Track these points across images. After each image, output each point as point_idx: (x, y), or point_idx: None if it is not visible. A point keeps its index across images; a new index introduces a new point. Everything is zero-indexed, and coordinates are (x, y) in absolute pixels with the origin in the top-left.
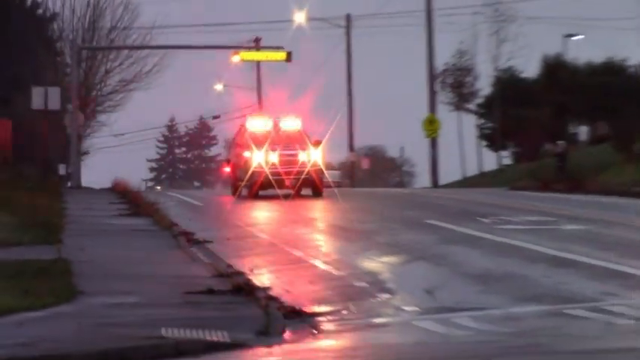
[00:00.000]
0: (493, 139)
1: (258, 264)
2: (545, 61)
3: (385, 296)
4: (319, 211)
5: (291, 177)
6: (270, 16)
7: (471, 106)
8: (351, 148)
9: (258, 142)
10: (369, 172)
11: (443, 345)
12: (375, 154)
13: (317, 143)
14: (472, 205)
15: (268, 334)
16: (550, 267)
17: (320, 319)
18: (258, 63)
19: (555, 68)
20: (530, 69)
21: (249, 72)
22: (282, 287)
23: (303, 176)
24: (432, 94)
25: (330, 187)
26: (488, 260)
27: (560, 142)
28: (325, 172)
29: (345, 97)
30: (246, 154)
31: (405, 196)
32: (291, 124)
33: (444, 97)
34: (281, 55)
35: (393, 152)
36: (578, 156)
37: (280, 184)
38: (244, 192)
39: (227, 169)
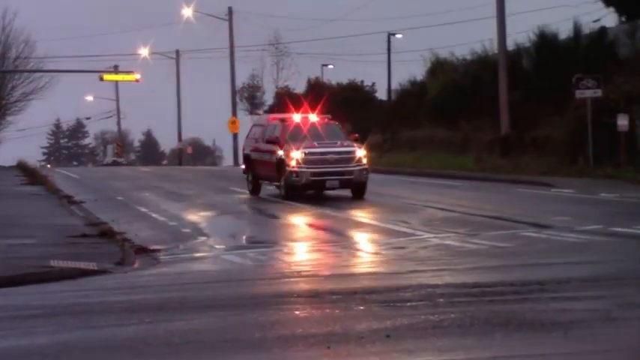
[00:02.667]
0: None
1: (116, 217)
2: (309, 82)
3: (203, 238)
4: (158, 181)
5: (334, 177)
6: (127, 49)
7: (260, 111)
8: (180, 138)
9: (294, 138)
10: (191, 156)
11: (239, 269)
12: (196, 143)
13: (356, 139)
14: None
15: (124, 264)
16: (313, 217)
17: (159, 253)
18: (117, 82)
19: (316, 86)
20: (300, 87)
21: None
22: (133, 232)
23: (347, 177)
24: (234, 103)
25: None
26: (273, 214)
27: None
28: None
29: (176, 104)
30: (280, 151)
31: (216, 172)
32: (324, 118)
33: (242, 105)
34: (132, 77)
35: (208, 142)
36: None
37: (321, 185)
38: (269, 191)
39: (242, 166)
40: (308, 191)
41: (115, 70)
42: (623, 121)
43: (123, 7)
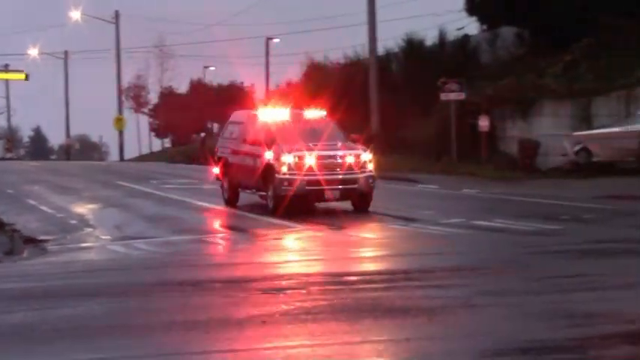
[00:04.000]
0: (159, 131)
1: (6, 209)
2: (191, 82)
3: (89, 229)
4: (47, 175)
5: (335, 186)
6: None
7: (145, 110)
8: (68, 134)
9: (282, 138)
10: (79, 151)
11: (124, 259)
12: (84, 139)
13: (358, 140)
14: (146, 172)
15: (13, 254)
16: (196, 212)
17: (47, 244)
18: (7, 80)
19: (198, 87)
20: (183, 87)
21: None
22: (22, 224)
23: (350, 186)
24: (120, 102)
25: None
26: (156, 207)
27: (201, 133)
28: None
29: (64, 102)
30: (267, 154)
31: (102, 167)
32: (318, 114)
33: (128, 104)
34: (21, 76)
35: (95, 138)
36: (213, 141)
37: (319, 195)
38: (238, 199)
39: (216, 171)
40: (302, 204)
41: (5, 68)
42: (484, 122)
43: (14, 9)
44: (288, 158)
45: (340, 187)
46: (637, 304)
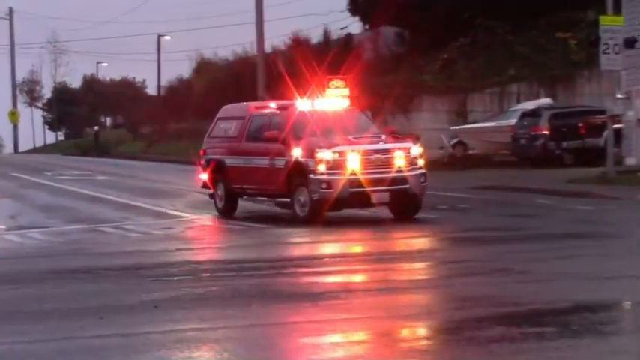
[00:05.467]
0: (53, 124)
1: None
2: (85, 78)
3: None
4: None
5: (383, 187)
6: None
7: (39, 104)
8: None
9: (311, 132)
10: None
11: (19, 248)
12: None
13: (393, 131)
14: (40, 164)
15: None
16: (90, 202)
17: None
18: None
19: (92, 82)
20: (76, 82)
21: None
22: None
23: (401, 186)
24: (14, 96)
25: None
26: (51, 198)
27: (94, 127)
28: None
29: None
30: (295, 151)
31: None
32: (340, 103)
33: (22, 98)
34: None
35: None
36: (106, 135)
37: (364, 199)
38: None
39: (204, 177)
40: (343, 209)
41: None
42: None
43: None
44: (326, 155)
45: (390, 188)
46: (509, 288)
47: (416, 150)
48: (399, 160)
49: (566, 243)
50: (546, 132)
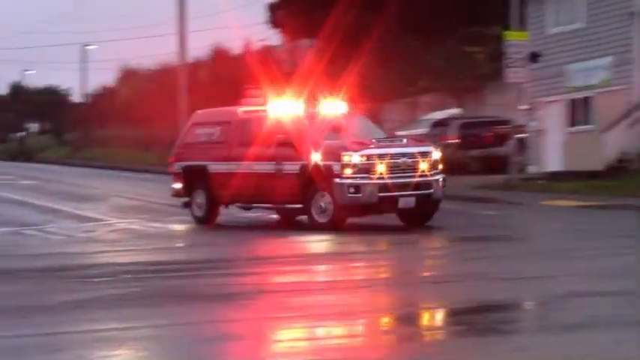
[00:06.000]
0: None
1: None
2: (11, 85)
3: None
4: None
5: (409, 191)
6: None
7: None
8: None
9: (328, 135)
10: None
11: None
12: None
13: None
14: None
15: None
16: (13, 206)
17: None
18: None
19: (18, 89)
20: (2, 90)
21: None
22: None
23: (426, 191)
24: None
25: None
26: None
27: (20, 133)
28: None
29: None
30: (314, 156)
31: None
32: (339, 107)
33: None
34: None
35: None
36: (31, 141)
37: (390, 204)
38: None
39: (177, 185)
40: (366, 215)
41: None
42: None
43: None
44: (354, 158)
45: (416, 193)
46: (416, 289)
47: (437, 154)
48: (423, 164)
49: (471, 246)
50: (455, 141)
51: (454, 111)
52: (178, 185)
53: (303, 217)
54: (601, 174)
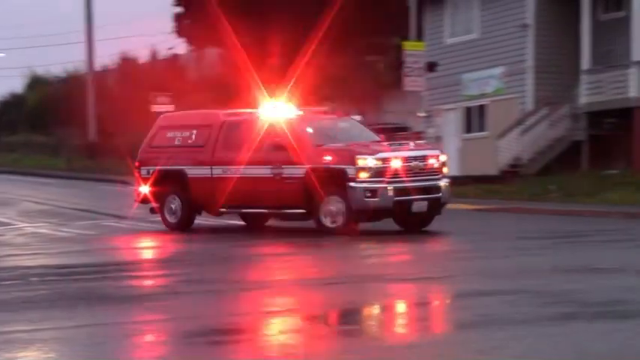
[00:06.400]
0: None
1: None
2: None
3: None
4: None
5: (422, 195)
6: None
7: None
8: None
9: (335, 139)
10: None
11: None
12: None
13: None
14: None
15: None
16: None
17: None
18: None
19: None
20: None
21: None
22: None
23: (435, 195)
24: None
25: None
26: None
27: None
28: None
29: None
30: (325, 159)
31: None
32: (326, 111)
33: None
34: None
35: None
36: None
37: (405, 209)
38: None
39: (144, 189)
40: (380, 220)
41: None
42: None
43: None
44: (369, 161)
45: (428, 196)
46: (320, 291)
47: (443, 157)
48: (433, 168)
49: (364, 245)
50: None
51: (355, 118)
52: (145, 189)
53: (273, 223)
54: (495, 179)
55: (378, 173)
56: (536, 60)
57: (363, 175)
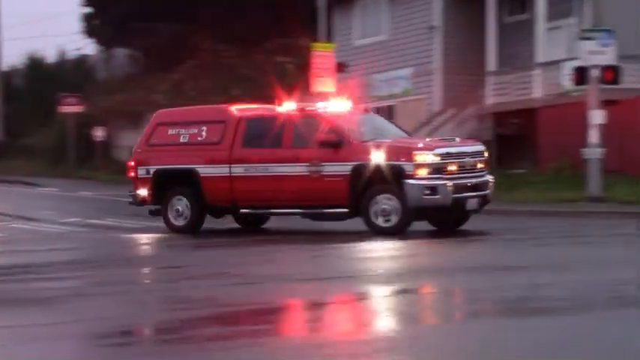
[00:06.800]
0: None
1: None
2: None
3: None
4: None
5: (474, 192)
6: None
7: None
8: None
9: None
10: None
11: None
12: None
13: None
14: None
15: None
16: None
17: None
18: None
19: None
20: None
21: None
22: None
23: (485, 191)
24: None
25: None
26: None
27: None
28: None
29: None
30: (377, 155)
31: None
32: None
33: None
34: None
35: None
36: None
37: (461, 206)
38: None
39: (143, 192)
40: (436, 217)
41: None
42: (98, 132)
43: None
44: (428, 157)
45: (479, 193)
46: (226, 290)
47: (486, 153)
48: (480, 164)
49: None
50: None
51: None
52: (144, 192)
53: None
54: None
55: (436, 170)
56: (444, 61)
57: (422, 172)
